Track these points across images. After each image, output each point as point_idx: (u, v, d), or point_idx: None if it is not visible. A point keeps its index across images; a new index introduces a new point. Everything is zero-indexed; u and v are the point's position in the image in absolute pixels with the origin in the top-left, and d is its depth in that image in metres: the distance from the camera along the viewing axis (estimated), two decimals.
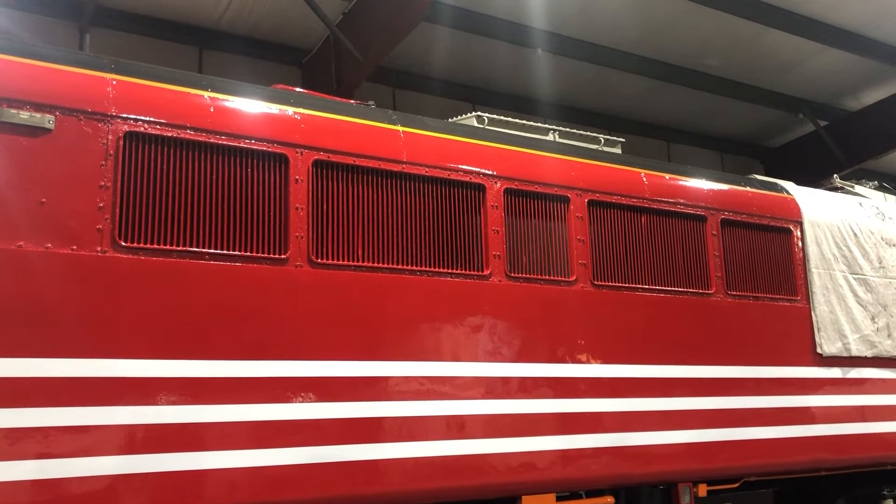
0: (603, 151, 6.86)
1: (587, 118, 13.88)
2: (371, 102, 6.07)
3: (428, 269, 5.43)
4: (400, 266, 5.32)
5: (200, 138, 4.83)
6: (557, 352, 5.82)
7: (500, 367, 5.56)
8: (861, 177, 11.43)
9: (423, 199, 5.55)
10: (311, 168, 5.14)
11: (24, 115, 4.35)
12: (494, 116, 6.57)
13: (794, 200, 7.67)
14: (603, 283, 6.16)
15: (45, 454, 4.09)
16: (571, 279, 6.01)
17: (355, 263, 5.17)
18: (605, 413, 5.93)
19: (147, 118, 4.70)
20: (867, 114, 14.72)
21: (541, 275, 5.90)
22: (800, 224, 7.54)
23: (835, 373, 7.36)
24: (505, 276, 5.71)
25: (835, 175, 9.83)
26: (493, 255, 5.69)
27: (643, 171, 6.73)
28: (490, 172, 5.85)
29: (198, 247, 4.70)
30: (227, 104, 5.04)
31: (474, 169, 5.80)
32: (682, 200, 6.81)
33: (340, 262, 5.12)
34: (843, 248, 7.75)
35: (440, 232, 5.56)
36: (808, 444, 7.00)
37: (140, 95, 4.74)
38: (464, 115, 6.66)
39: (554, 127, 6.88)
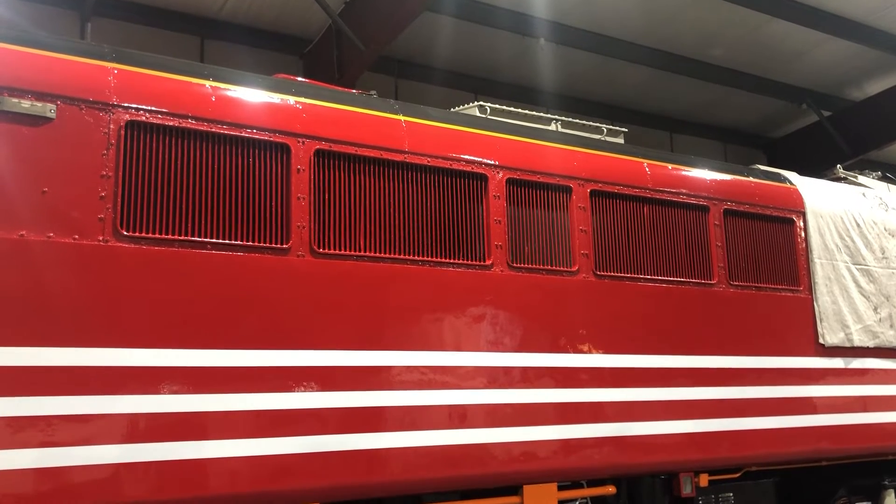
0: (605, 141, 6.84)
1: (590, 108, 13.84)
2: (373, 92, 6.05)
3: (430, 259, 5.43)
4: (402, 256, 5.32)
5: (202, 128, 4.82)
6: (559, 342, 5.82)
7: (502, 356, 5.56)
8: (864, 167, 11.39)
9: (425, 189, 5.54)
10: (312, 158, 5.13)
11: (26, 105, 4.34)
12: (497, 106, 6.54)
13: (796, 191, 7.65)
14: (605, 273, 6.15)
15: (47, 443, 4.10)
16: (573, 269, 6.00)
17: (357, 253, 5.16)
18: (606, 403, 5.94)
19: (149, 107, 4.69)
20: (871, 104, 14.67)
21: (543, 265, 5.89)
22: (802, 214, 7.52)
23: (837, 363, 7.35)
24: (507, 267, 5.70)
25: (838, 165, 9.78)
26: (496, 246, 5.69)
27: (646, 161, 6.72)
28: (492, 162, 5.84)
29: (200, 236, 4.70)
30: (229, 93, 5.03)
31: (476, 159, 5.79)
32: (684, 190, 6.80)
33: (342, 252, 5.11)
34: (846, 238, 7.73)
35: (442, 222, 5.56)
36: (810, 435, 7.01)
37: (141, 85, 4.73)
38: (466, 105, 6.63)
39: (556, 117, 6.85)
